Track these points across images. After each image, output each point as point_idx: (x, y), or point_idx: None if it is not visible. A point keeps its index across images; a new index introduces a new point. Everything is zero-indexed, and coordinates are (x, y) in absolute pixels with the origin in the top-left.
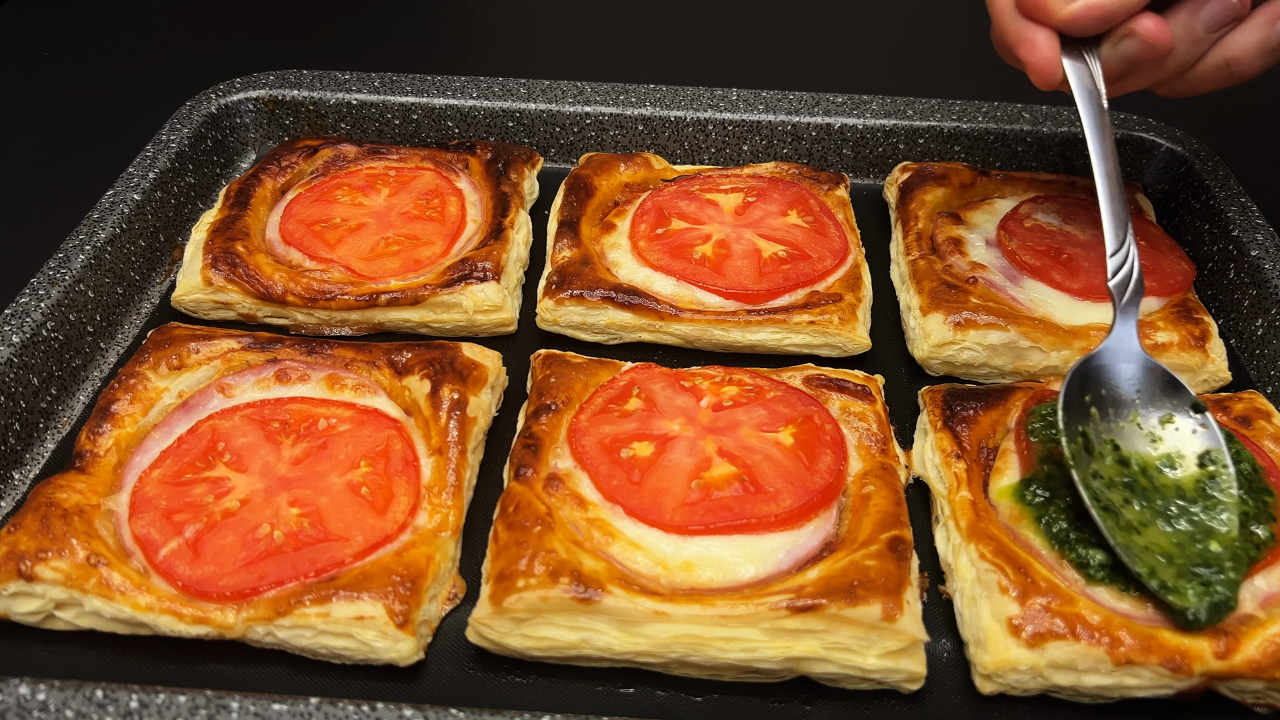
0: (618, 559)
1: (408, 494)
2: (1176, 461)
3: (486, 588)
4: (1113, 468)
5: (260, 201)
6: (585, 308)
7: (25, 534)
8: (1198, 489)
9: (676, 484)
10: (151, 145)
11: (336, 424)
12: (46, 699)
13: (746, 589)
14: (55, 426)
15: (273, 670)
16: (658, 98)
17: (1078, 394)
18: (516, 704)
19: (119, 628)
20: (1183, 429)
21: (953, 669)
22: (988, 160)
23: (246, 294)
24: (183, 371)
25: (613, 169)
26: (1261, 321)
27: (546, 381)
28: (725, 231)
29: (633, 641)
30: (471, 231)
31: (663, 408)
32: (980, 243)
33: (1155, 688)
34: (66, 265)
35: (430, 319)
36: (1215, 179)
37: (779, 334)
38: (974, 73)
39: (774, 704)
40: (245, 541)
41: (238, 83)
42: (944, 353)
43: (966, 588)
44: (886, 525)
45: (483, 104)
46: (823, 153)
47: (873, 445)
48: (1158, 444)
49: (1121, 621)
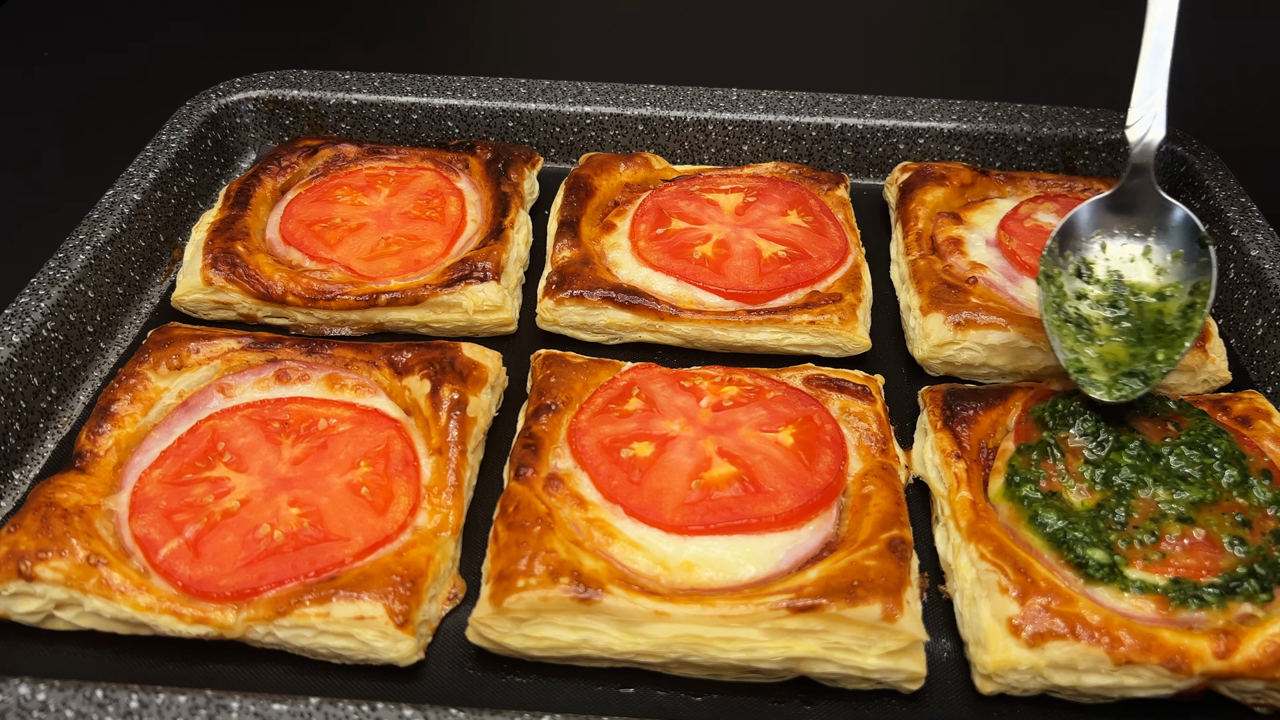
0: (618, 559)
1: (408, 494)
2: (1171, 292)
3: (486, 588)
4: (1110, 295)
5: (260, 201)
6: (585, 308)
7: (25, 534)
8: (1177, 315)
9: (676, 484)
10: (151, 145)
11: (336, 424)
12: (46, 699)
13: (746, 589)
14: (55, 426)
15: (273, 670)
16: (658, 98)
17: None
18: (516, 704)
19: (119, 628)
20: (1189, 263)
21: (953, 669)
22: (988, 160)
23: (246, 294)
24: (183, 371)
25: (613, 169)
26: (1261, 321)
27: (546, 381)
28: (725, 231)
29: (633, 641)
30: (471, 231)
31: (663, 408)
32: (980, 243)
33: (1155, 688)
34: (66, 265)
35: (430, 319)
36: (1215, 179)
37: (779, 334)
38: (974, 73)
39: (774, 704)
40: (245, 541)
41: (238, 83)
42: (944, 353)
43: (966, 588)
44: (886, 525)
45: (483, 104)
46: (823, 153)
47: (873, 445)
48: (1162, 275)
49: (1121, 621)
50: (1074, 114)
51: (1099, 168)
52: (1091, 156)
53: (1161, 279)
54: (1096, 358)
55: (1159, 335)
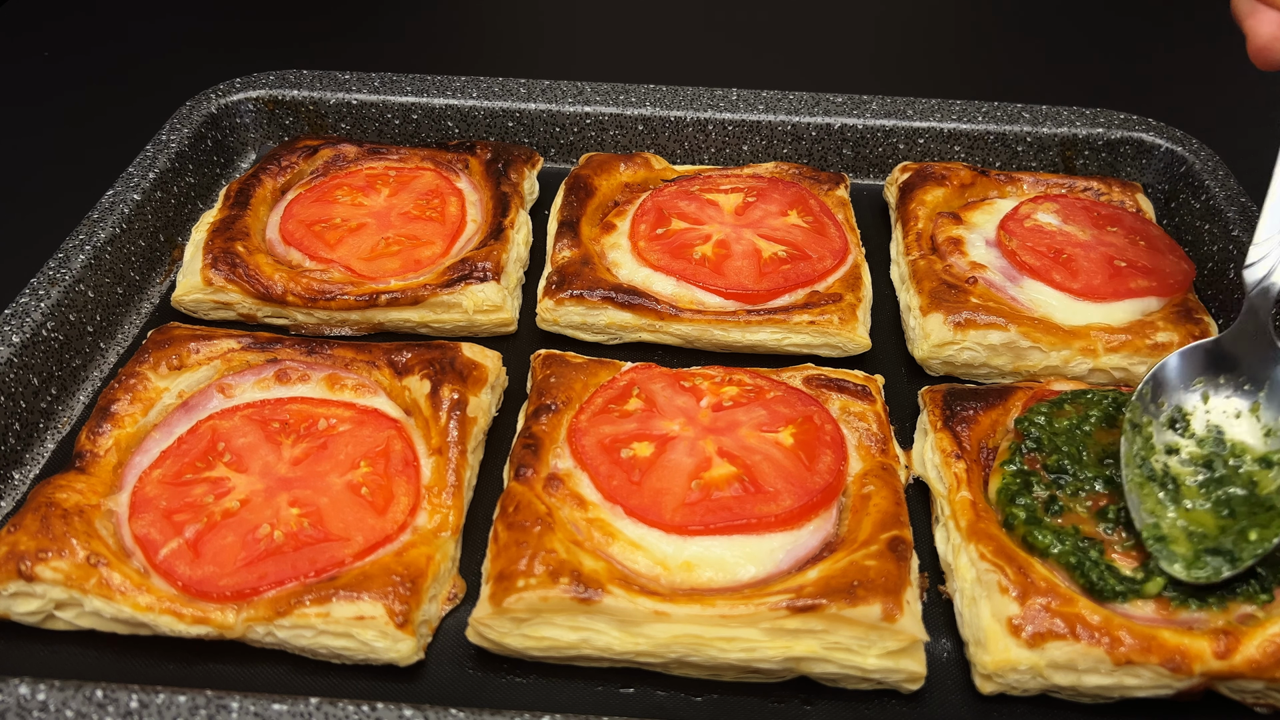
0: (618, 559)
1: (408, 494)
2: (1277, 458)
3: (486, 588)
4: (1207, 453)
5: (260, 201)
6: (585, 308)
7: (25, 534)
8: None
9: (676, 484)
10: (151, 145)
11: (336, 424)
12: (46, 699)
13: (746, 589)
14: (55, 426)
15: (273, 670)
16: (658, 98)
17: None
18: (516, 704)
19: (119, 628)
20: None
21: (953, 669)
22: (988, 160)
23: (246, 294)
24: (183, 371)
25: (613, 169)
26: None
27: (546, 381)
28: (725, 231)
29: (633, 641)
30: (471, 231)
31: (663, 408)
32: (980, 243)
33: (1155, 688)
34: (66, 265)
35: (430, 319)
36: (1215, 179)
37: (779, 334)
38: (974, 73)
39: (774, 704)
40: (245, 541)
41: (238, 83)
42: (944, 353)
43: (966, 588)
44: (886, 525)
45: (483, 104)
46: (823, 153)
47: (873, 445)
48: (1271, 437)
49: (1121, 621)
50: (1074, 114)
51: (1099, 167)
52: (1091, 156)
53: (1269, 442)
54: (1180, 526)
55: (1254, 510)
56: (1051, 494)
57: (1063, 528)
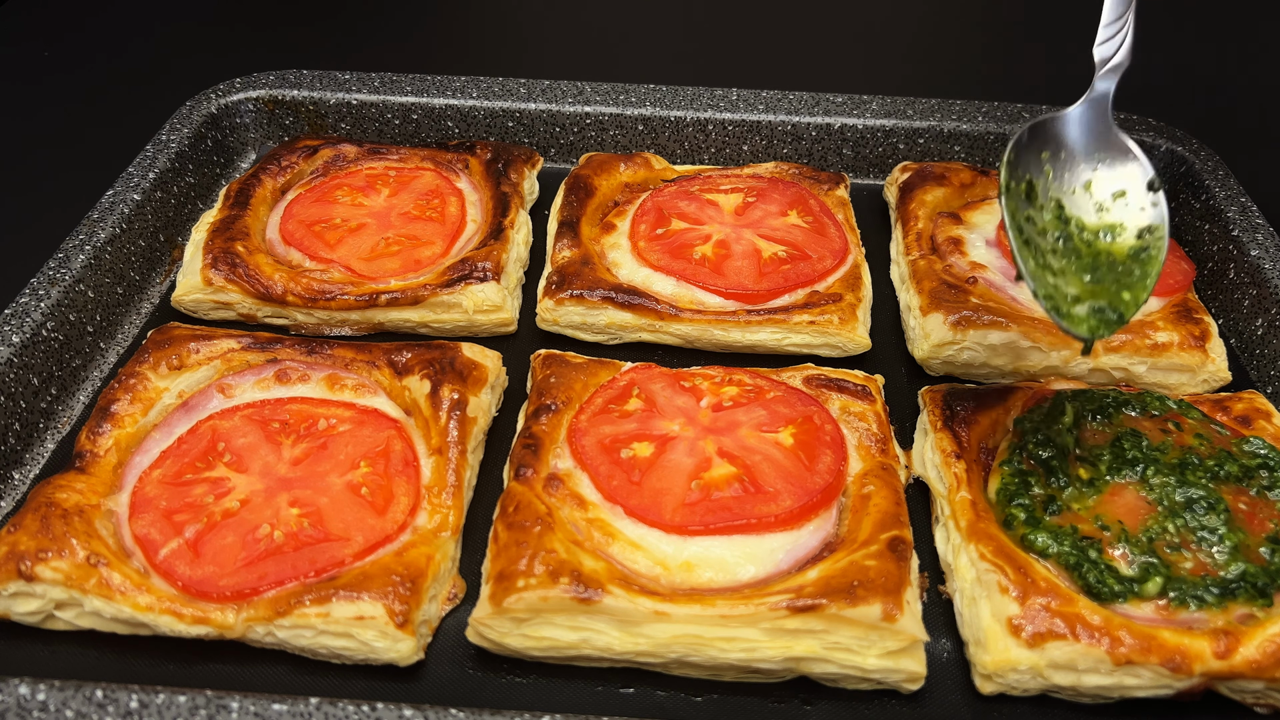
0: (618, 559)
1: (408, 494)
2: (1117, 231)
3: (486, 588)
4: (1052, 221)
5: (260, 201)
6: (585, 308)
7: (25, 534)
8: (1128, 256)
9: (676, 484)
10: (151, 145)
11: (336, 424)
12: (46, 699)
13: (746, 589)
14: (55, 426)
15: (273, 670)
16: (658, 98)
17: (1036, 147)
18: (516, 704)
19: (119, 628)
20: (1132, 205)
21: (953, 669)
22: (988, 160)
23: (246, 294)
24: (183, 371)
25: (613, 169)
26: (1261, 321)
27: (546, 381)
28: (725, 232)
29: (633, 641)
30: (471, 231)
31: (663, 408)
32: (980, 243)
33: (1155, 688)
34: (66, 265)
35: (430, 319)
36: (1215, 179)
37: (779, 334)
38: (974, 73)
39: (774, 704)
40: (245, 542)
41: (238, 83)
42: (944, 353)
43: (966, 588)
44: (886, 525)
45: (483, 104)
46: (823, 153)
47: (873, 445)
48: (1104, 213)
49: (1121, 621)
50: None
51: None
52: None
53: (1102, 216)
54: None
55: (1116, 276)
56: (1050, 494)
57: (1061, 527)
